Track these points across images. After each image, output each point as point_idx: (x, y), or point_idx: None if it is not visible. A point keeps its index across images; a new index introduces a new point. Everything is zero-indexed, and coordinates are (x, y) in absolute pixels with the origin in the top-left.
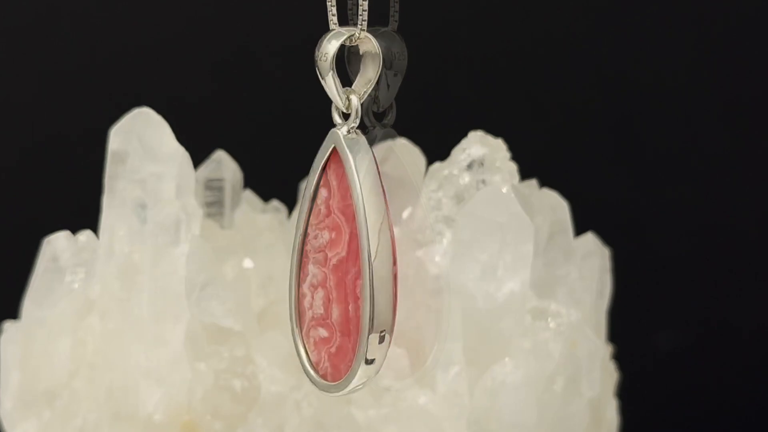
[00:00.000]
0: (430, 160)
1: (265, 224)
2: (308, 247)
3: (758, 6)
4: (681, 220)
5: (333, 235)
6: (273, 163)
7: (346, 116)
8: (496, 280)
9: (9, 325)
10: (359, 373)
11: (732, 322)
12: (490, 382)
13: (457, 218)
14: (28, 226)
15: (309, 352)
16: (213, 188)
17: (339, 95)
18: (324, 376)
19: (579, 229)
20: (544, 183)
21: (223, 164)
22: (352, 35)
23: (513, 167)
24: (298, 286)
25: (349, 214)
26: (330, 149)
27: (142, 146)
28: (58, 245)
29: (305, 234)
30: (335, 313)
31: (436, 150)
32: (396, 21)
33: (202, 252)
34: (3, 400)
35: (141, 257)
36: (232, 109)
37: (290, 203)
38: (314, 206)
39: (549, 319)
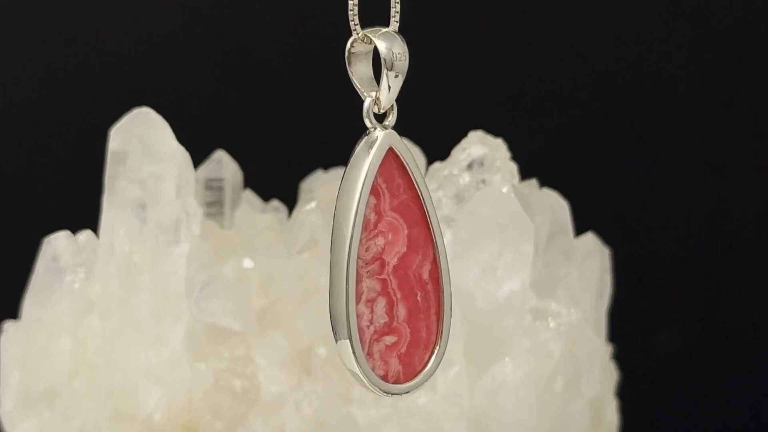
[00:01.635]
0: (430, 160)
1: (265, 224)
2: (359, 264)
3: (758, 6)
4: (681, 220)
5: (390, 237)
6: (273, 163)
7: (376, 116)
8: (496, 280)
9: (9, 325)
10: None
11: (732, 322)
12: (490, 382)
13: (457, 218)
14: (28, 226)
15: (376, 369)
16: (213, 188)
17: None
18: (396, 381)
19: (579, 229)
20: (544, 183)
21: (223, 164)
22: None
23: (513, 167)
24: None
25: (403, 210)
26: (385, 150)
27: (142, 146)
28: (58, 245)
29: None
30: (402, 312)
31: (436, 150)
32: (397, 21)
33: (202, 252)
34: (3, 400)
35: (141, 257)
36: (233, 109)
37: (290, 203)
38: (364, 221)
39: (549, 319)
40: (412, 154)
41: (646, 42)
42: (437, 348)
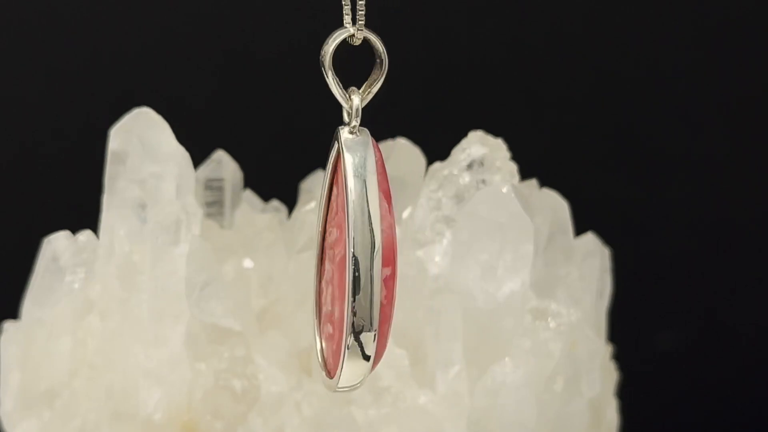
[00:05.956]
0: (430, 160)
1: (265, 224)
2: (326, 244)
3: (758, 6)
4: (681, 220)
5: (338, 234)
6: (273, 163)
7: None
8: (496, 280)
9: (9, 325)
10: (345, 370)
11: (732, 322)
12: (490, 382)
13: (457, 218)
14: (28, 226)
15: (324, 348)
16: (213, 188)
17: (341, 94)
18: (329, 373)
19: (579, 229)
20: (544, 183)
21: (223, 164)
22: (352, 36)
23: (513, 167)
24: (320, 281)
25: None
26: (336, 148)
27: (142, 146)
28: (58, 245)
29: (324, 231)
30: (337, 310)
31: (436, 150)
32: (362, 20)
33: (202, 252)
34: (3, 400)
35: (141, 257)
36: (232, 109)
37: (290, 203)
38: (329, 203)
39: (549, 319)
40: (345, 162)
41: (646, 42)
42: (339, 372)
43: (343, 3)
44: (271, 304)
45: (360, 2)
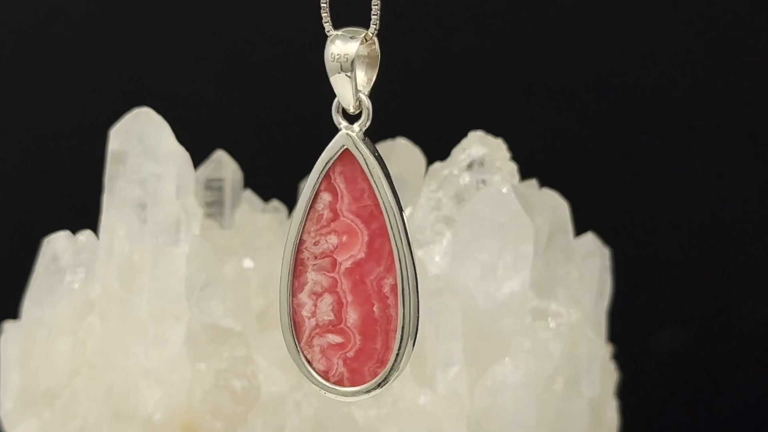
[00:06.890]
0: (430, 160)
1: (265, 224)
2: (304, 255)
3: (758, 6)
4: (681, 220)
5: (344, 239)
6: (273, 163)
7: (348, 117)
8: (496, 280)
9: (9, 325)
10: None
11: (732, 322)
12: (490, 382)
13: (457, 218)
14: (28, 226)
15: (315, 362)
16: (213, 188)
17: (353, 96)
18: (339, 382)
19: (579, 229)
20: (544, 183)
21: (223, 164)
22: (365, 36)
23: (513, 167)
24: (292, 296)
25: (366, 216)
26: (339, 151)
27: (142, 146)
28: (58, 245)
29: (299, 242)
30: (353, 316)
31: (436, 150)
32: (377, 22)
33: (202, 252)
34: (3, 400)
35: (141, 257)
36: (232, 109)
37: (290, 203)
38: (312, 212)
39: (549, 319)
40: (380, 162)
41: (646, 42)
42: (395, 367)
43: (322, 3)
44: (271, 304)
45: (375, 4)
